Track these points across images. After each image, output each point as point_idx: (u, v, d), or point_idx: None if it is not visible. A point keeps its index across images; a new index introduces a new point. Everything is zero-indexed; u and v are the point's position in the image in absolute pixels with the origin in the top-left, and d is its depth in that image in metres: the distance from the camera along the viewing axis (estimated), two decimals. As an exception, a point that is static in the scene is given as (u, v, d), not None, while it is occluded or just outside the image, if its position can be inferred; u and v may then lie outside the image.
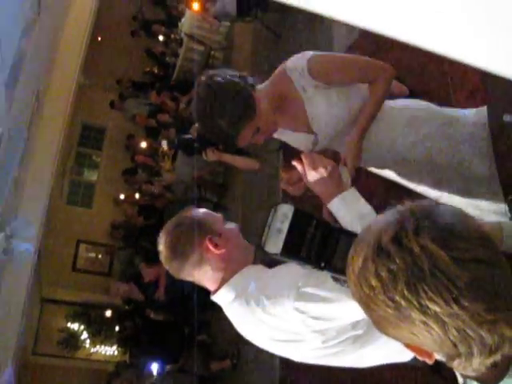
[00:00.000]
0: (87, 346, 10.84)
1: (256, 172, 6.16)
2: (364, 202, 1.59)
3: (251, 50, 8.89)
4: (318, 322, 1.56)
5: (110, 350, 10.71)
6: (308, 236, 1.41)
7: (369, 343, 1.68)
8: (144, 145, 10.49)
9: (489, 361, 0.92)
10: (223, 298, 1.80)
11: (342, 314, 1.55)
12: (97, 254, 11.38)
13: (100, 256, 11.35)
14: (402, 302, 0.89)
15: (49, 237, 8.31)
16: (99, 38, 10.76)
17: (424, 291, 0.87)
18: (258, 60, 8.25)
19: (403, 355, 1.76)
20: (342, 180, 1.67)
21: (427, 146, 2.03)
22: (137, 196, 10.12)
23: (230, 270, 1.80)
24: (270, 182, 6.33)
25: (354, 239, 1.02)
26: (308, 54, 2.02)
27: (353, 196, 1.61)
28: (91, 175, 12.65)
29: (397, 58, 3.87)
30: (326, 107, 2.02)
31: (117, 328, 9.93)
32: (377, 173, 2.20)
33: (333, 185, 1.64)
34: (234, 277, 1.79)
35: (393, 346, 1.31)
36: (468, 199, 2.04)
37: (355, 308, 1.02)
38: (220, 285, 1.80)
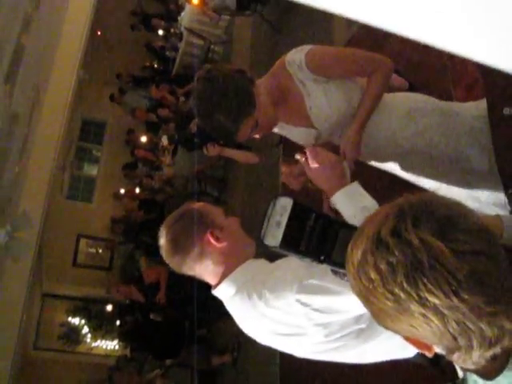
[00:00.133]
0: (88, 340, 10.89)
1: (256, 166, 6.15)
2: (367, 196, 1.58)
3: (251, 44, 8.87)
4: (321, 315, 1.55)
5: (111, 345, 10.76)
6: (307, 229, 1.40)
7: (372, 338, 1.66)
8: (144, 139, 10.49)
9: (488, 353, 0.92)
10: (224, 292, 1.78)
11: (345, 307, 1.54)
12: (97, 249, 11.40)
13: (100, 251, 11.37)
14: (402, 294, 0.88)
15: (49, 232, 8.30)
16: (99, 32, 10.74)
17: (423, 283, 0.86)
18: (258, 54, 8.24)
19: (405, 351, 1.75)
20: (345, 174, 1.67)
21: (427, 138, 2.02)
22: (137, 190, 10.13)
23: (231, 263, 1.78)
24: (270, 176, 6.32)
25: (353, 232, 1.01)
26: (306, 48, 2.01)
27: (356, 189, 1.60)
28: (91, 170, 12.67)
29: (396, 51, 3.86)
30: (325, 101, 2.01)
31: (117, 322, 9.95)
32: (376, 166, 2.20)
33: (336, 178, 1.64)
34: (235, 271, 1.77)
35: (395, 341, 1.30)
36: (467, 191, 2.04)
37: (357, 301, 1.02)
38: (221, 279, 1.78)
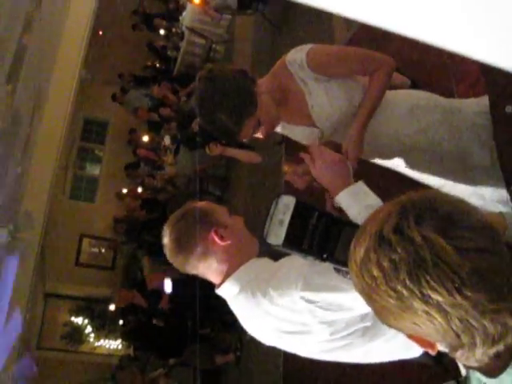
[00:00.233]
0: (91, 339, 10.91)
1: (258, 165, 6.15)
2: (372, 194, 1.57)
3: (252, 43, 8.87)
4: (326, 313, 1.55)
5: (114, 344, 10.77)
6: (310, 227, 1.41)
7: (377, 336, 1.66)
8: (146, 139, 10.49)
9: (492, 351, 0.91)
10: (228, 291, 1.78)
11: (349, 304, 1.53)
12: (100, 249, 11.41)
13: (103, 250, 11.38)
14: (404, 291, 0.88)
15: (52, 232, 8.32)
16: (100, 32, 10.74)
17: (426, 281, 0.86)
18: (259, 53, 8.23)
19: (411, 351, 1.74)
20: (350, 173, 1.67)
21: (429, 135, 2.01)
22: (139, 190, 10.12)
23: (234, 262, 1.78)
24: (273, 175, 6.32)
25: (356, 230, 1.01)
26: (307, 47, 2.00)
27: (361, 188, 1.60)
28: (94, 169, 12.67)
29: (397, 50, 3.85)
30: (326, 100, 2.01)
31: (120, 322, 9.96)
32: (379, 163, 2.20)
33: (341, 177, 1.64)
34: (238, 269, 1.77)
35: (401, 340, 1.30)
36: (471, 189, 2.03)
37: (361, 299, 1.02)
38: (224, 278, 1.78)
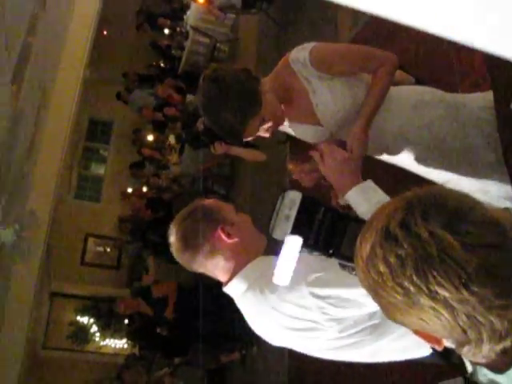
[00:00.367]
0: (97, 339, 10.92)
1: (263, 164, 6.15)
2: (381, 192, 1.58)
3: (256, 42, 8.86)
4: (335, 310, 1.55)
5: (120, 343, 10.78)
6: (316, 222, 1.41)
7: (386, 334, 1.65)
8: (151, 138, 10.50)
9: (499, 347, 0.91)
10: (236, 288, 1.77)
11: (360, 300, 1.52)
12: (105, 248, 11.43)
13: (108, 250, 11.40)
14: (411, 287, 0.88)
15: (57, 231, 8.33)
16: (105, 32, 10.76)
17: (433, 276, 0.86)
18: (264, 52, 8.23)
19: (421, 350, 1.72)
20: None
21: (434, 131, 2.01)
22: (144, 189, 10.14)
23: (242, 260, 1.77)
24: (277, 174, 6.32)
25: (362, 226, 1.01)
26: (310, 45, 2.01)
27: (370, 186, 1.61)
28: (99, 169, 12.71)
29: (401, 49, 3.85)
30: (330, 97, 2.01)
31: (126, 321, 9.98)
32: (385, 160, 2.19)
33: (350, 175, 1.65)
34: (246, 267, 1.76)
35: (410, 338, 1.29)
36: (477, 184, 2.02)
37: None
38: (232, 275, 1.77)
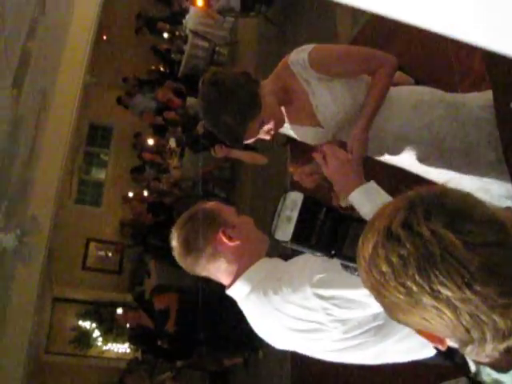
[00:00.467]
0: (99, 343, 10.91)
1: (264, 167, 6.15)
2: (384, 193, 1.58)
3: (256, 45, 8.87)
4: (340, 311, 1.54)
5: (122, 348, 10.77)
6: (318, 223, 1.41)
7: (390, 335, 1.64)
8: (151, 142, 10.51)
9: (502, 346, 0.91)
10: (239, 291, 1.76)
11: (364, 301, 1.51)
12: (107, 253, 11.44)
13: (110, 254, 11.40)
14: (414, 287, 0.88)
15: (58, 236, 8.33)
16: (104, 36, 10.78)
17: (435, 276, 0.86)
18: (263, 54, 8.23)
19: (424, 351, 1.70)
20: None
21: (434, 130, 2.01)
22: (145, 193, 10.14)
23: (245, 262, 1.77)
24: (278, 176, 6.32)
25: (364, 226, 1.01)
26: (309, 47, 2.00)
27: (373, 187, 1.61)
28: (99, 174, 12.72)
29: (400, 50, 3.85)
30: (330, 99, 2.01)
31: (128, 325, 9.97)
32: (385, 160, 2.19)
33: (353, 176, 1.66)
34: (249, 269, 1.76)
35: (414, 339, 1.29)
36: (477, 183, 2.01)
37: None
38: (235, 278, 1.77)
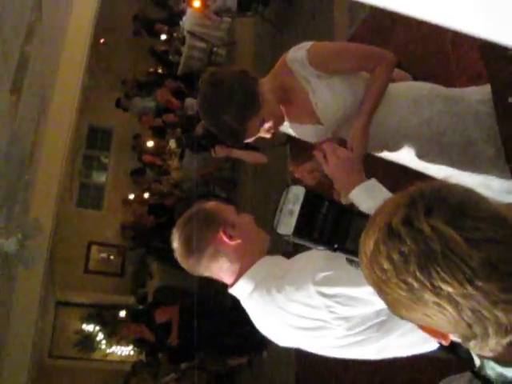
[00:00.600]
0: (103, 346, 10.93)
1: (264, 166, 6.16)
2: (385, 190, 1.58)
3: (253, 45, 8.87)
4: (343, 308, 1.54)
5: (126, 350, 10.77)
6: (320, 217, 1.40)
7: (393, 330, 1.64)
8: (151, 144, 10.50)
9: (505, 340, 0.91)
10: (242, 289, 1.76)
11: (368, 298, 1.51)
12: (108, 255, 11.43)
13: (112, 257, 11.40)
14: (415, 283, 0.88)
15: (60, 240, 8.33)
16: (102, 39, 10.77)
17: (436, 272, 0.86)
18: (261, 54, 8.24)
19: (427, 345, 1.71)
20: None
21: (433, 126, 2.01)
22: (146, 195, 10.14)
23: (246, 260, 1.77)
24: (278, 175, 6.33)
25: (366, 220, 1.01)
26: (307, 45, 2.00)
27: (374, 184, 1.61)
28: (100, 177, 12.72)
29: (398, 47, 3.85)
30: (330, 96, 2.00)
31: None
32: (385, 157, 2.19)
33: (354, 173, 1.66)
34: (252, 267, 1.76)
35: (417, 333, 1.29)
36: (477, 179, 2.01)
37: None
38: (237, 277, 1.77)
